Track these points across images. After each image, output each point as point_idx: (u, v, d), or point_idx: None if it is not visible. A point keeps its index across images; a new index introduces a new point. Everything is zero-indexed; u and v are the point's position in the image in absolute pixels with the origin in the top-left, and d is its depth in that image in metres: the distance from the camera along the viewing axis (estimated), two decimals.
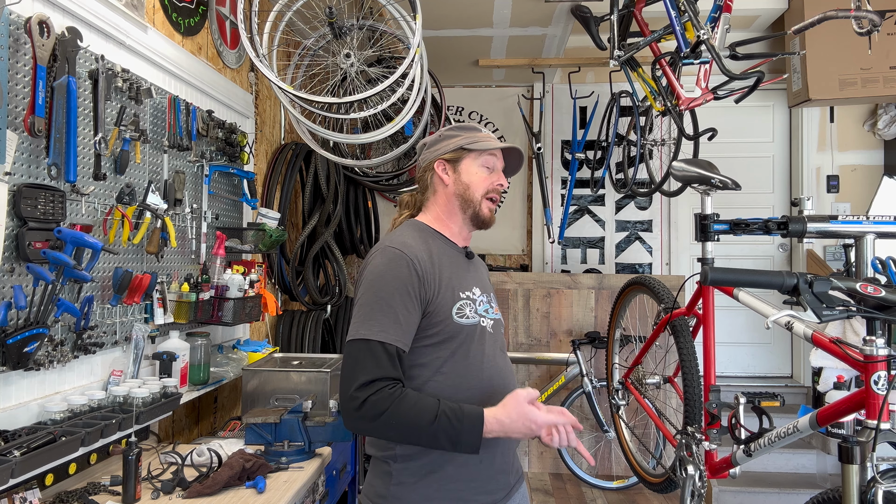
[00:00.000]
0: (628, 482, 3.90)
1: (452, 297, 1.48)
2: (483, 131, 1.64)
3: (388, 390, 1.33)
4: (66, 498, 1.73)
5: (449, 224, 1.62)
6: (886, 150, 4.73)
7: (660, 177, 3.98)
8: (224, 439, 2.33)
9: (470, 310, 1.50)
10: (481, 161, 1.60)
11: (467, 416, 1.33)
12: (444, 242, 1.59)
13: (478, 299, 1.54)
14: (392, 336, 1.37)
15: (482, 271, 1.70)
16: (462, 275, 1.55)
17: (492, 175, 1.61)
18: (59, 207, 1.78)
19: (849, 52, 3.82)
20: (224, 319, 2.57)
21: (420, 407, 1.33)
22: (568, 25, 4.05)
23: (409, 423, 1.32)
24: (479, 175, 1.59)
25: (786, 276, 1.44)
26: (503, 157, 1.64)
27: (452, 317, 1.46)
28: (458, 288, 1.50)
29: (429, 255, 1.49)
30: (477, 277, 1.62)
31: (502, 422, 1.33)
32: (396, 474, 1.43)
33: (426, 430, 1.31)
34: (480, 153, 1.59)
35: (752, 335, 4.83)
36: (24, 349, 1.64)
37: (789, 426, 1.65)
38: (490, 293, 1.64)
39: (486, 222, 1.62)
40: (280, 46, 3.08)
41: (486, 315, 1.55)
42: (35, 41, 1.70)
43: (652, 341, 2.50)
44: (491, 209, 1.62)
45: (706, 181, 2.04)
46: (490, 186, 1.60)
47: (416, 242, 1.50)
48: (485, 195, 1.59)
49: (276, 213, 3.12)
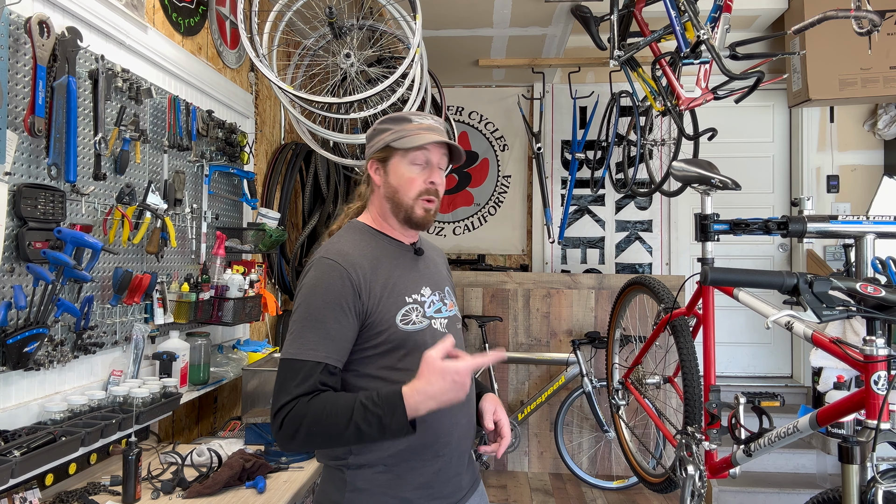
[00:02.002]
0: (628, 482, 3.90)
1: (396, 304, 1.40)
2: (416, 121, 1.48)
3: (303, 401, 1.28)
4: (66, 498, 1.73)
5: (388, 224, 1.52)
6: (886, 150, 4.73)
7: (660, 177, 3.98)
8: (224, 439, 2.33)
9: (417, 314, 1.43)
10: (410, 158, 1.46)
11: (385, 397, 1.25)
12: (388, 243, 1.50)
13: (427, 300, 1.47)
14: (322, 353, 1.32)
15: (435, 266, 1.59)
16: (409, 276, 1.47)
17: (423, 173, 1.47)
18: (59, 207, 1.78)
19: (849, 52, 3.82)
20: (224, 319, 2.57)
21: (336, 406, 1.27)
22: (568, 25, 4.05)
23: (329, 424, 1.26)
24: (407, 176, 1.46)
25: (786, 276, 1.44)
26: (441, 146, 1.48)
27: (397, 324, 1.39)
28: (403, 292, 1.43)
29: (368, 261, 1.42)
30: (427, 275, 1.52)
31: (423, 390, 1.23)
32: (351, 481, 1.38)
33: (348, 426, 1.25)
34: (408, 151, 1.46)
35: (752, 335, 4.83)
36: (24, 349, 1.64)
37: (789, 426, 1.65)
38: (444, 289, 1.54)
39: (420, 225, 1.49)
40: (280, 46, 3.08)
41: (438, 315, 1.48)
42: (35, 41, 1.70)
43: (652, 341, 2.50)
44: (427, 210, 1.47)
45: (706, 181, 2.04)
46: (422, 187, 1.46)
47: (353, 249, 1.43)
48: (417, 197, 1.46)
49: (276, 213, 3.12)
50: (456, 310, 1.56)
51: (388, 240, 1.51)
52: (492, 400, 1.53)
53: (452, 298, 1.58)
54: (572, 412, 4.15)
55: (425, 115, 1.52)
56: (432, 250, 1.65)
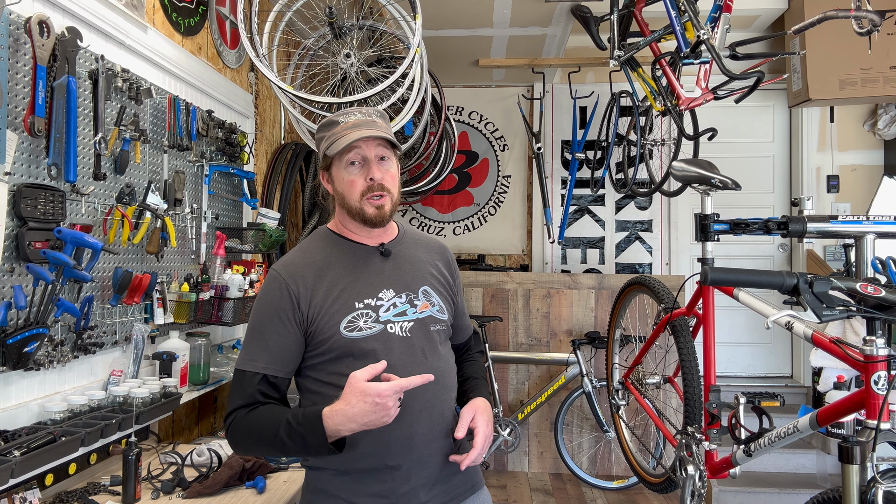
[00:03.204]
0: (628, 482, 3.90)
1: (341, 311, 1.39)
2: (341, 121, 1.45)
3: (241, 413, 1.34)
4: (66, 498, 1.73)
5: (348, 228, 1.50)
6: (886, 150, 4.73)
7: (660, 177, 3.98)
8: (224, 439, 2.33)
9: (367, 320, 1.39)
10: (345, 161, 1.44)
11: (307, 417, 1.27)
12: (349, 248, 1.48)
13: (385, 304, 1.42)
14: (260, 364, 1.36)
15: (411, 265, 1.52)
16: (364, 280, 1.44)
17: (362, 171, 1.44)
18: (59, 207, 1.78)
19: (849, 52, 3.82)
20: (224, 319, 2.57)
21: (267, 421, 1.32)
22: (568, 25, 4.05)
23: (261, 437, 1.32)
24: (347, 179, 1.44)
25: (786, 276, 1.44)
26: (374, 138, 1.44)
27: (341, 332, 1.37)
28: (352, 298, 1.40)
29: (314, 270, 1.42)
30: (392, 277, 1.47)
31: (343, 411, 1.24)
32: (311, 481, 1.45)
33: (275, 440, 1.29)
34: (341, 155, 1.44)
35: (752, 335, 4.83)
36: (24, 349, 1.64)
37: (789, 426, 1.65)
38: (418, 289, 1.48)
39: (375, 223, 1.45)
40: (280, 46, 3.08)
41: (401, 318, 1.42)
42: (35, 41, 1.70)
43: (652, 341, 2.50)
44: (378, 206, 1.44)
45: (706, 181, 2.04)
46: (363, 186, 1.43)
47: (302, 258, 1.45)
48: (362, 198, 1.43)
49: (276, 213, 3.12)
50: (432, 310, 1.48)
51: (347, 244, 1.49)
52: (472, 407, 1.45)
53: (433, 298, 1.50)
54: (572, 412, 4.15)
55: (352, 111, 1.49)
56: (418, 247, 1.58)
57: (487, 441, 1.42)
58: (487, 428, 1.43)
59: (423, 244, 1.60)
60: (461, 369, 1.62)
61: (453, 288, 1.60)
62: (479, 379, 1.62)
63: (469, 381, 1.61)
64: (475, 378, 1.62)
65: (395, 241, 1.54)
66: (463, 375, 1.61)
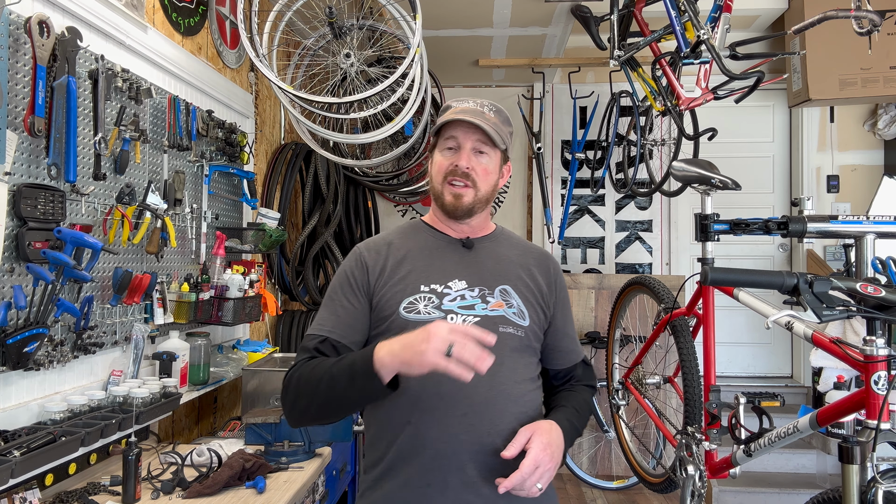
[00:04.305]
0: (628, 482, 3.90)
1: (406, 291, 1.35)
2: (454, 105, 1.42)
3: (302, 362, 1.32)
4: (66, 498, 1.73)
5: (437, 217, 1.48)
6: (886, 150, 4.73)
7: (660, 177, 3.98)
8: (224, 439, 2.33)
9: (427, 304, 1.33)
10: (441, 145, 1.41)
11: (361, 353, 1.24)
12: (431, 235, 1.46)
13: (452, 293, 1.35)
14: (326, 328, 1.36)
15: (496, 263, 1.44)
16: (438, 265, 1.39)
17: (452, 156, 1.40)
18: (59, 207, 1.78)
19: (849, 52, 3.82)
20: (224, 319, 2.57)
21: (321, 363, 1.29)
22: (568, 25, 4.05)
23: (311, 378, 1.27)
24: (437, 161, 1.42)
25: (786, 276, 1.44)
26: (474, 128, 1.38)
27: (399, 311, 1.33)
28: (422, 281, 1.36)
29: (393, 248, 1.42)
30: (471, 269, 1.41)
31: (392, 346, 1.16)
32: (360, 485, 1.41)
33: (324, 375, 1.24)
34: (443, 137, 1.41)
35: (752, 335, 4.83)
36: (23, 349, 1.64)
37: (789, 426, 1.65)
38: (495, 287, 1.40)
39: (449, 212, 1.41)
40: (280, 46, 3.08)
41: (466, 311, 1.34)
42: (35, 41, 1.70)
43: (652, 341, 2.50)
44: (454, 194, 1.39)
45: (706, 181, 2.04)
46: (446, 170, 1.39)
47: (384, 237, 1.47)
48: (443, 181, 1.40)
49: (276, 213, 3.12)
50: (507, 311, 1.37)
51: (431, 231, 1.47)
52: (532, 427, 1.27)
53: (513, 299, 1.40)
54: None
55: (469, 98, 1.44)
56: (512, 248, 1.49)
57: (540, 470, 1.21)
58: (541, 453, 1.22)
59: (520, 247, 1.51)
60: (555, 396, 1.48)
61: (547, 299, 1.45)
62: (566, 407, 1.42)
63: (555, 409, 1.43)
64: (563, 406, 1.43)
65: (484, 237, 1.48)
66: (553, 402, 1.46)
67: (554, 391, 1.51)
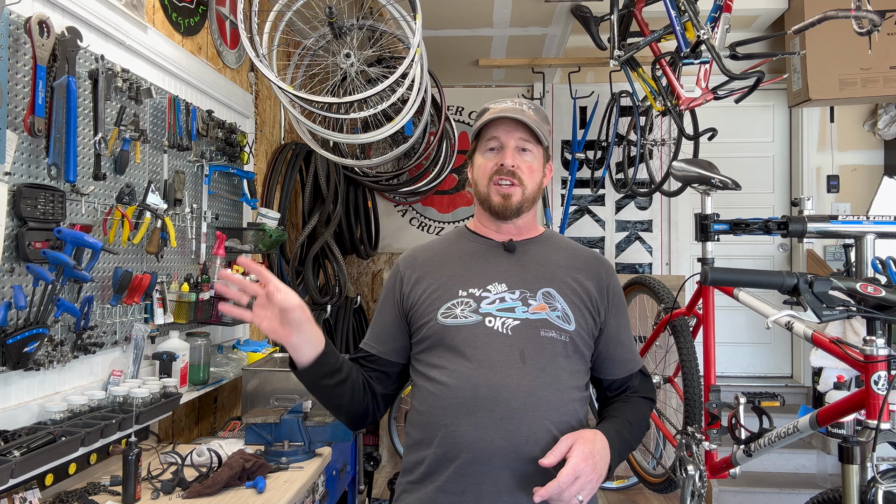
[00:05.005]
0: (628, 482, 3.90)
1: (444, 297, 1.34)
2: (492, 107, 1.40)
3: None
4: (66, 498, 1.73)
5: (482, 223, 1.46)
6: (886, 150, 4.73)
7: (660, 177, 3.98)
8: (224, 439, 2.33)
9: (465, 309, 1.31)
10: (483, 147, 1.40)
11: None
12: (473, 240, 1.44)
13: (491, 296, 1.32)
14: (367, 342, 1.45)
15: (538, 266, 1.39)
16: (478, 270, 1.37)
17: (495, 156, 1.38)
18: (59, 207, 1.78)
19: (849, 52, 3.82)
20: (224, 319, 2.57)
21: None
22: (568, 25, 4.05)
23: None
24: (480, 164, 1.40)
25: (786, 276, 1.44)
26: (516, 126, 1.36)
27: (437, 318, 1.31)
28: (460, 286, 1.34)
29: (430, 256, 1.44)
30: (511, 272, 1.37)
31: None
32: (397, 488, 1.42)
33: None
34: (483, 139, 1.39)
35: (752, 335, 4.83)
36: (23, 349, 1.64)
37: (789, 426, 1.65)
38: (535, 290, 1.34)
39: (497, 212, 1.38)
40: (280, 46, 3.08)
41: (505, 314, 1.30)
42: (35, 41, 1.70)
43: (652, 341, 2.50)
44: (502, 194, 1.36)
45: (706, 181, 2.04)
46: (490, 171, 1.37)
47: (424, 247, 1.50)
48: (489, 182, 1.37)
49: (276, 213, 3.12)
50: (550, 314, 1.32)
51: (473, 237, 1.46)
52: (573, 435, 1.22)
53: (557, 303, 1.34)
54: None
55: (506, 99, 1.43)
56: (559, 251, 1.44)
57: (580, 480, 1.16)
58: (582, 463, 1.16)
59: (568, 250, 1.45)
60: (607, 406, 1.43)
61: (598, 304, 1.39)
62: (618, 418, 1.36)
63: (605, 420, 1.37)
64: (614, 417, 1.37)
65: (529, 240, 1.44)
66: (605, 413, 1.41)
67: (608, 402, 1.45)
